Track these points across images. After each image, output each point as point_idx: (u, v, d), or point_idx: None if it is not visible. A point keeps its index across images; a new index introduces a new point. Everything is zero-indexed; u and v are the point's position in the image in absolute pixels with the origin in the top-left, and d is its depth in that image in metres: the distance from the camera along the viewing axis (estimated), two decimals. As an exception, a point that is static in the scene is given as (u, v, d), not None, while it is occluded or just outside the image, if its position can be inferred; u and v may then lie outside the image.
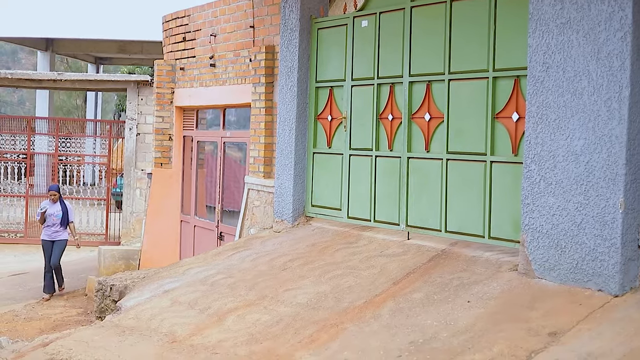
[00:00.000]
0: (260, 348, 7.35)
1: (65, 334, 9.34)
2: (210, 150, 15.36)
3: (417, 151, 9.68)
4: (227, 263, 10.47)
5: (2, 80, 24.56)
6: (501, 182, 8.54)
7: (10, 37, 34.88)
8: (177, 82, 15.88)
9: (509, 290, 7.29)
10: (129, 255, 16.72)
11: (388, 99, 10.15)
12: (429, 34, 9.51)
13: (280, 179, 11.67)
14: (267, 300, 8.56)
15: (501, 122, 8.54)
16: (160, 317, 8.81)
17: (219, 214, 14.56)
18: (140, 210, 21.95)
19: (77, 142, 25.04)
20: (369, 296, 8.00)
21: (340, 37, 10.97)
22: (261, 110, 12.54)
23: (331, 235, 10.44)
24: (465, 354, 6.23)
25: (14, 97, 77.66)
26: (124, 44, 36.49)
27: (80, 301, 15.63)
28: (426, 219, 9.50)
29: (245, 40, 13.39)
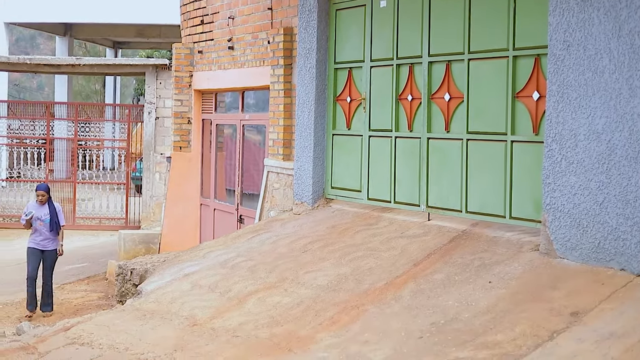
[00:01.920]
0: (281, 330, 7.35)
1: (86, 318, 9.37)
2: (230, 133, 15.35)
3: (437, 131, 9.63)
4: (247, 246, 10.47)
5: (21, 66, 24.63)
6: (522, 161, 8.48)
7: (28, 23, 34.97)
8: (195, 66, 15.87)
9: (531, 271, 7.25)
10: (149, 239, 16.76)
11: (407, 80, 10.09)
12: (448, 13, 9.44)
13: (299, 161, 11.64)
14: (288, 283, 8.55)
15: (522, 102, 8.48)
16: (180, 300, 8.82)
17: (239, 197, 14.56)
18: (160, 194, 21.99)
19: (96, 127, 25.08)
20: (389, 277, 7.97)
21: (358, 17, 10.91)
22: (280, 92, 12.51)
23: (351, 217, 10.41)
24: (487, 334, 6.20)
25: (33, 83, 77.89)
26: (142, 28, 36.53)
27: (101, 285, 15.70)
28: (447, 199, 9.46)
29: (263, 22, 13.34)
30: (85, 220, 24.12)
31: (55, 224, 14.01)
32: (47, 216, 13.96)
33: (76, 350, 7.98)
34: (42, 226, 13.94)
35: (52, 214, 14.01)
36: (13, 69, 25.63)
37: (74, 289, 15.44)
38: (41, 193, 14.14)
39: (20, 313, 13.44)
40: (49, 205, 14.10)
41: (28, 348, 8.64)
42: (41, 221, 13.93)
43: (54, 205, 14.20)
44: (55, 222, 14.00)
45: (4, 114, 24.67)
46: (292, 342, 7.04)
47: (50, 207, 14.09)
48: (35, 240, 14.03)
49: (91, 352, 7.77)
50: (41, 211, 14.00)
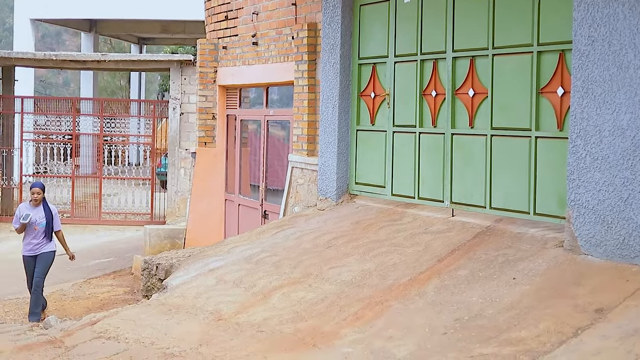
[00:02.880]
0: (306, 326, 7.37)
1: (112, 312, 9.44)
2: (254, 128, 15.38)
3: (461, 127, 9.62)
4: (272, 241, 10.50)
5: (47, 62, 24.74)
6: (546, 157, 8.46)
7: (54, 19, 35.14)
8: (219, 61, 15.91)
9: (555, 267, 7.24)
10: (174, 234, 16.84)
11: (431, 75, 10.09)
12: (472, 8, 9.43)
13: (323, 156, 11.66)
14: (312, 278, 8.58)
15: (546, 97, 8.46)
16: (206, 295, 8.86)
17: (263, 192, 14.59)
18: (185, 190, 22.06)
19: (122, 123, 25.17)
20: (413, 273, 7.98)
21: (382, 13, 10.91)
22: (304, 88, 12.53)
23: (375, 213, 10.42)
24: (511, 330, 6.20)
25: (59, 79, 78.24)
26: (167, 24, 36.65)
27: (127, 280, 15.78)
28: (470, 195, 9.45)
29: (287, 17, 13.37)
30: (110, 216, 24.24)
31: (51, 230, 12.75)
32: (43, 220, 12.65)
33: (102, 344, 8.04)
34: (37, 231, 12.63)
35: (49, 218, 12.71)
36: (39, 65, 25.76)
37: (100, 284, 15.53)
38: (37, 191, 12.70)
39: (48, 307, 13.52)
40: (44, 208, 12.76)
41: (55, 342, 8.71)
42: (36, 225, 12.62)
43: (49, 208, 12.83)
44: (51, 227, 12.75)
45: (31, 109, 24.80)
46: (316, 337, 7.06)
47: (45, 209, 12.75)
48: (27, 247, 12.68)
49: (117, 346, 7.83)
50: (36, 214, 12.65)
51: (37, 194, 12.66)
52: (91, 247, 20.17)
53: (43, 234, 12.63)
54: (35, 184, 12.86)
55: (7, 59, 24.17)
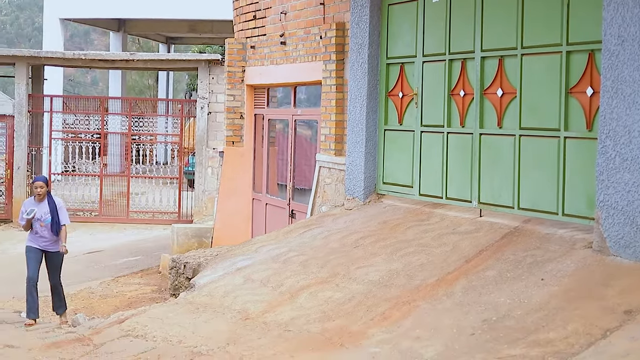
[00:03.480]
0: (333, 325, 7.38)
1: (140, 310, 9.49)
2: (281, 128, 15.40)
3: (490, 127, 9.59)
4: (299, 241, 10.51)
5: (76, 61, 24.92)
6: (575, 158, 8.42)
7: (83, 19, 35.37)
8: (247, 61, 15.93)
9: (584, 268, 7.20)
10: (201, 233, 16.88)
11: (460, 75, 10.06)
12: (501, 8, 9.40)
13: (351, 156, 11.66)
14: (339, 278, 8.58)
15: (575, 97, 8.42)
16: (233, 294, 8.89)
17: (291, 191, 14.61)
18: (212, 189, 22.13)
19: (150, 122, 25.30)
20: (441, 274, 7.97)
21: (411, 12, 10.90)
22: (332, 87, 12.53)
23: (402, 213, 10.41)
24: (539, 332, 6.18)
25: (87, 78, 78.65)
26: (195, 24, 36.77)
27: (154, 278, 15.85)
28: (499, 195, 9.42)
29: (315, 17, 13.37)
30: (138, 214, 24.36)
31: (56, 225, 11.82)
32: (48, 215, 11.78)
33: (130, 342, 8.09)
34: (43, 228, 11.80)
35: (53, 213, 11.80)
36: (68, 64, 25.93)
37: (128, 282, 15.61)
38: (40, 184, 11.85)
39: (76, 305, 13.61)
40: (49, 202, 11.88)
41: (83, 340, 8.78)
42: (41, 222, 11.78)
43: (54, 202, 11.94)
44: (56, 221, 11.81)
45: (60, 108, 24.96)
46: (343, 337, 7.07)
47: (50, 204, 11.86)
48: (34, 240, 11.89)
49: (145, 344, 7.88)
50: (40, 210, 11.79)
51: (40, 188, 11.83)
52: (119, 245, 20.28)
53: (49, 230, 11.77)
54: (37, 178, 12.16)
55: (36, 58, 24.35)
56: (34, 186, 12.00)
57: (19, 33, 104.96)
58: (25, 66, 23.99)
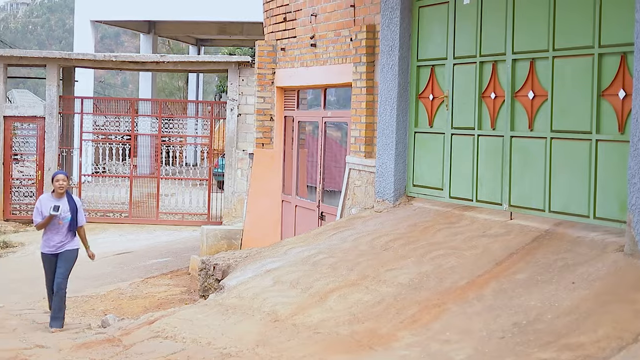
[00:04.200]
0: (362, 328, 7.37)
1: (169, 312, 9.53)
2: (311, 130, 15.41)
3: (521, 130, 9.55)
4: (329, 243, 10.51)
5: (107, 63, 25.08)
6: (607, 161, 8.36)
7: (113, 21, 35.58)
8: (278, 63, 15.96)
9: (615, 272, 7.15)
10: (231, 234, 16.91)
11: (490, 77, 10.03)
12: (532, 10, 9.36)
13: (381, 158, 11.65)
14: (369, 280, 8.57)
15: (607, 100, 8.37)
16: (262, 296, 8.90)
17: (320, 194, 14.61)
18: (242, 190, 22.20)
19: (179, 123, 25.41)
20: (471, 277, 7.94)
21: (441, 14, 10.87)
22: (362, 89, 12.52)
23: (432, 215, 10.39)
24: (570, 335, 6.14)
25: (117, 80, 79.13)
26: (225, 25, 36.89)
27: (184, 280, 15.90)
28: (529, 198, 9.38)
29: (345, 19, 13.37)
30: (167, 216, 24.48)
31: (75, 224, 11.37)
32: (68, 213, 11.26)
33: (160, 343, 8.11)
34: (61, 226, 11.25)
35: (73, 211, 11.33)
36: (99, 66, 26.11)
37: (158, 283, 15.67)
38: (62, 178, 11.28)
39: (105, 306, 13.68)
40: (69, 200, 11.37)
41: (113, 340, 8.81)
42: (61, 219, 11.23)
43: (73, 200, 11.46)
44: (75, 221, 11.37)
45: (90, 110, 25.12)
46: (373, 339, 7.06)
47: (70, 201, 11.36)
48: (49, 244, 11.29)
49: (174, 346, 7.89)
50: (60, 206, 11.20)
51: (62, 181, 11.24)
52: (148, 246, 20.37)
53: (67, 229, 11.24)
54: (58, 172, 11.48)
55: (67, 60, 24.54)
56: (55, 180, 11.30)
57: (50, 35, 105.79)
58: (56, 68, 24.17)
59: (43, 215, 11.15)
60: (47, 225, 11.20)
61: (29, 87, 63.44)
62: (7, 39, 67.64)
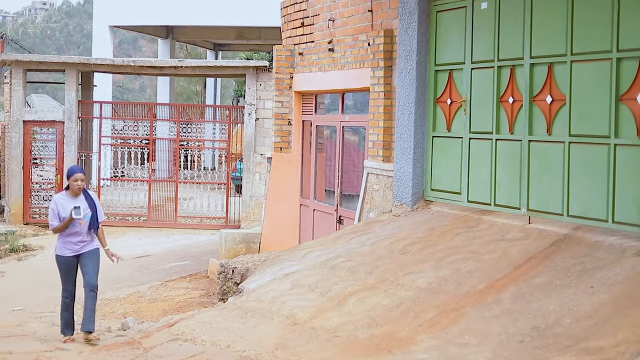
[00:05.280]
0: (381, 331, 7.39)
1: (189, 315, 9.58)
2: (329, 134, 15.44)
3: (539, 134, 9.55)
4: (347, 247, 10.54)
5: (125, 68, 25.19)
6: (626, 165, 8.36)
7: (132, 26, 35.70)
8: (295, 67, 16.00)
9: (634, 276, 7.15)
10: (249, 238, 16.96)
11: (508, 82, 10.04)
12: (550, 14, 9.36)
13: (399, 162, 11.67)
14: (387, 284, 8.59)
15: (626, 104, 8.36)
16: (281, 299, 8.93)
17: (338, 197, 14.64)
18: (260, 194, 22.24)
19: (197, 128, 25.49)
20: (489, 280, 7.95)
21: (459, 19, 10.89)
22: (380, 94, 12.55)
23: (451, 219, 10.40)
24: (589, 340, 6.14)
25: (135, 84, 79.38)
26: (242, 30, 36.96)
27: (203, 283, 15.95)
28: (547, 203, 9.38)
29: (363, 24, 13.40)
30: (186, 219, 24.54)
31: (96, 221, 10.35)
32: (88, 210, 10.22)
33: (179, 346, 8.16)
34: (82, 226, 10.22)
35: (92, 208, 10.31)
36: (118, 71, 26.22)
37: (176, 286, 15.72)
38: (81, 177, 10.27)
39: (125, 309, 13.73)
40: (86, 197, 10.33)
41: (133, 343, 8.87)
42: (81, 219, 10.18)
43: (90, 196, 10.40)
44: (96, 218, 10.35)
45: (109, 114, 25.24)
46: (391, 343, 7.08)
47: (87, 198, 10.32)
48: (67, 246, 10.24)
49: (194, 349, 7.95)
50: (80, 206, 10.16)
51: (80, 180, 10.23)
52: (167, 250, 20.44)
53: (88, 228, 10.23)
54: (75, 169, 10.44)
55: (86, 65, 24.65)
56: (72, 179, 10.22)
57: (68, 40, 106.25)
58: (75, 73, 24.29)
59: (61, 217, 10.13)
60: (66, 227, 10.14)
61: (48, 92, 63.71)
62: (26, 44, 67.93)
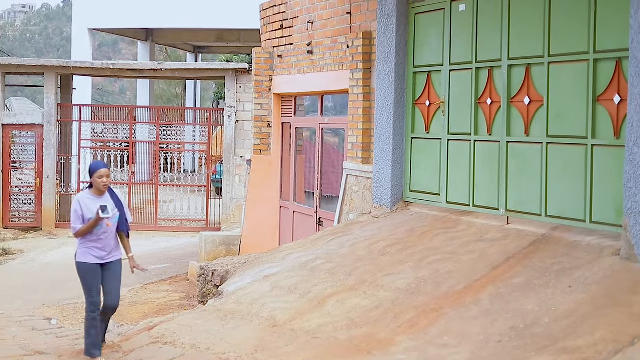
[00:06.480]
0: (360, 333, 7.40)
1: (169, 318, 9.55)
2: (308, 136, 15.45)
3: (517, 135, 9.59)
4: (327, 248, 10.54)
5: (104, 71, 25.10)
6: (603, 165, 8.41)
7: (111, 29, 35.57)
8: (275, 70, 16.01)
9: (611, 275, 7.19)
10: (229, 241, 16.94)
11: (486, 83, 10.08)
12: (528, 16, 9.41)
13: (378, 164, 11.69)
14: (367, 285, 8.61)
15: (602, 105, 8.41)
16: (261, 301, 8.93)
17: (318, 199, 14.65)
18: (240, 197, 22.22)
19: (177, 130, 25.43)
20: (468, 281, 7.98)
21: (437, 21, 10.92)
22: (359, 96, 12.56)
23: (430, 220, 10.42)
24: (567, 339, 6.18)
25: (115, 87, 79.14)
26: (222, 33, 36.91)
27: (183, 286, 15.91)
28: (526, 203, 9.42)
29: (342, 26, 13.42)
30: (166, 222, 24.48)
31: (125, 223, 9.14)
32: (116, 211, 8.94)
33: (159, 349, 8.14)
34: (109, 228, 8.90)
35: (120, 208, 9.04)
36: (97, 74, 26.12)
37: (157, 289, 15.67)
38: (107, 173, 8.87)
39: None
40: (111, 196, 9.02)
41: (113, 346, 8.84)
42: (108, 221, 8.85)
43: (116, 195, 9.09)
44: (125, 219, 9.13)
45: (88, 117, 25.14)
46: (371, 344, 7.09)
47: (113, 198, 9.01)
48: (92, 252, 8.86)
49: (174, 351, 7.93)
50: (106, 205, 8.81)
51: (106, 177, 8.83)
52: (147, 253, 20.35)
53: (114, 231, 8.97)
54: (99, 164, 8.93)
55: (65, 68, 24.54)
56: (97, 175, 8.81)
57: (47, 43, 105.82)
58: (54, 76, 24.18)
59: (85, 219, 8.77)
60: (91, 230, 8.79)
61: (27, 95, 63.50)
62: (5, 48, 67.69)
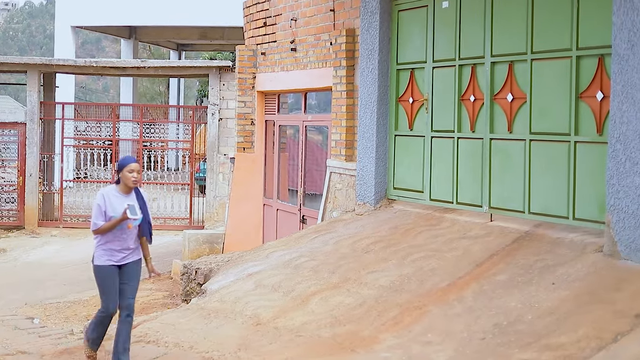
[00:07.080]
0: (344, 330, 7.39)
1: (152, 316, 9.53)
2: (292, 134, 15.43)
3: (500, 132, 9.60)
4: (310, 246, 10.53)
5: (87, 69, 25.02)
6: (586, 162, 8.42)
7: (94, 26, 35.48)
8: (258, 67, 15.97)
9: (595, 272, 7.20)
10: (213, 239, 16.90)
11: (470, 80, 10.08)
12: (511, 13, 9.41)
13: (362, 162, 11.68)
14: (350, 283, 8.60)
15: (585, 102, 8.42)
16: (244, 300, 8.91)
17: (301, 197, 14.63)
18: (224, 195, 22.18)
19: (161, 128, 25.36)
20: (452, 278, 7.98)
21: (420, 18, 10.91)
22: (342, 93, 12.55)
23: (413, 218, 10.42)
24: (550, 336, 6.18)
25: (99, 85, 78.89)
26: (205, 30, 36.84)
27: (166, 284, 15.87)
28: (509, 200, 9.42)
29: (325, 24, 13.39)
30: (150, 220, 24.38)
31: (148, 225, 8.31)
32: (140, 211, 8.10)
33: (142, 348, 8.11)
34: (131, 230, 8.16)
35: (143, 209, 8.22)
36: (80, 71, 26.02)
37: (140, 288, 15.55)
38: (137, 167, 8.16)
39: (88, 311, 13.62)
40: (137, 194, 8.27)
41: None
42: (130, 222, 8.07)
43: (142, 195, 8.31)
44: (148, 221, 8.31)
45: (71, 116, 25.04)
46: (355, 342, 7.08)
47: (139, 198, 8.25)
48: (108, 253, 8.15)
49: (157, 350, 7.91)
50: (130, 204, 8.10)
51: (137, 172, 8.15)
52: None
53: (136, 233, 8.26)
54: (129, 159, 8.26)
55: (48, 66, 24.43)
56: (127, 169, 8.12)
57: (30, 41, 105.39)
58: (37, 74, 24.08)
59: (108, 216, 8.07)
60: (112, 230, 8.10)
61: (10, 93, 63.20)
62: (-13, 45, 67.35)
